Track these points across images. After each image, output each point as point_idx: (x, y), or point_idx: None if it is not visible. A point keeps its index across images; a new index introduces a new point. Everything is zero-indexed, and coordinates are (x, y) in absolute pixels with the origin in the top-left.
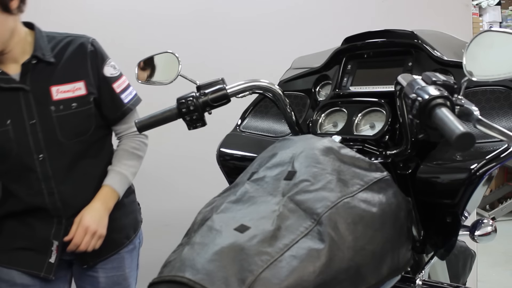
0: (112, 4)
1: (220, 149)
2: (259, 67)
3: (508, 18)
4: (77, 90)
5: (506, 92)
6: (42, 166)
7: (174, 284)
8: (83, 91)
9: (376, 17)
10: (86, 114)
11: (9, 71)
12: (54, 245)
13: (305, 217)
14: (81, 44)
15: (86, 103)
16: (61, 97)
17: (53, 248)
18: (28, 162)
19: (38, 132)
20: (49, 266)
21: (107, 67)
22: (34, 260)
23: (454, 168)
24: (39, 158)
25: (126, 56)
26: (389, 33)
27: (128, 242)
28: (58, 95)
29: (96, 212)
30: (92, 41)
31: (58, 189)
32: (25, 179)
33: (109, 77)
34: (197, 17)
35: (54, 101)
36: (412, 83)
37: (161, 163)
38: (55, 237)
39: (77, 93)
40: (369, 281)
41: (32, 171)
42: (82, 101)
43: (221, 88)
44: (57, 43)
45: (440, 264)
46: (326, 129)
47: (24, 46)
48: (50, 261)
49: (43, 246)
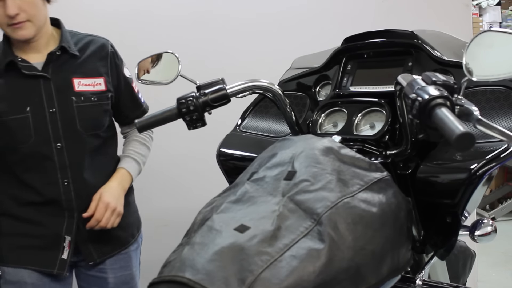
0: (112, 4)
1: (220, 149)
2: (259, 67)
3: (508, 18)
4: (97, 85)
5: (506, 92)
6: (60, 155)
7: (174, 284)
8: (102, 87)
9: (376, 17)
10: (104, 109)
11: (30, 60)
12: (66, 241)
13: (305, 217)
14: (102, 45)
15: (104, 98)
16: (82, 89)
17: (65, 244)
18: (46, 150)
19: (57, 121)
20: (62, 262)
21: (125, 68)
22: (46, 257)
23: (454, 168)
24: (57, 147)
25: (126, 56)
26: (389, 33)
27: (133, 240)
28: (79, 87)
29: (114, 190)
30: (111, 43)
31: (73, 179)
32: (41, 168)
33: (129, 78)
34: (197, 17)
35: (76, 92)
36: (412, 83)
37: (161, 163)
38: (67, 232)
39: (97, 88)
40: (369, 281)
41: (49, 159)
42: (101, 96)
43: (221, 88)
44: (79, 40)
45: (440, 264)
46: (326, 129)
47: (49, 39)
48: (63, 257)
49: (55, 242)
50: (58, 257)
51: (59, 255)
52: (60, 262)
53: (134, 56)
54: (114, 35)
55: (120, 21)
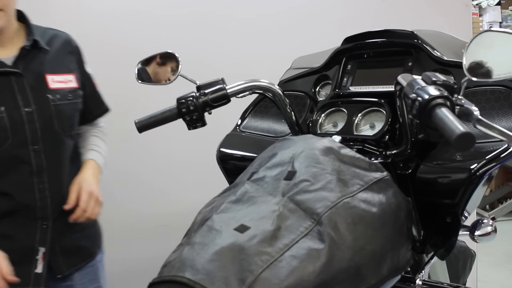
0: (112, 4)
1: (220, 149)
2: (259, 67)
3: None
4: (69, 82)
5: (506, 92)
6: (37, 158)
7: (174, 284)
8: (74, 83)
9: (376, 17)
10: (78, 107)
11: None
12: (40, 253)
13: (305, 217)
14: (68, 39)
15: (78, 96)
16: (57, 86)
17: (39, 257)
18: (22, 153)
19: (35, 121)
20: (37, 277)
21: (87, 64)
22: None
23: (454, 168)
24: (35, 149)
25: (126, 56)
26: (389, 33)
27: (99, 250)
28: (53, 84)
29: (91, 180)
30: (73, 38)
31: (50, 184)
32: (16, 173)
33: (91, 74)
34: (197, 17)
35: (51, 90)
36: (412, 83)
37: (161, 163)
38: (41, 243)
39: (70, 85)
40: (369, 281)
41: (25, 163)
42: (75, 94)
43: (221, 88)
44: (43, 34)
45: (440, 264)
46: (326, 129)
47: (14, 32)
48: (37, 271)
49: (27, 255)
50: (31, 272)
51: (32, 270)
52: (34, 278)
53: (134, 56)
54: (114, 35)
55: (120, 21)
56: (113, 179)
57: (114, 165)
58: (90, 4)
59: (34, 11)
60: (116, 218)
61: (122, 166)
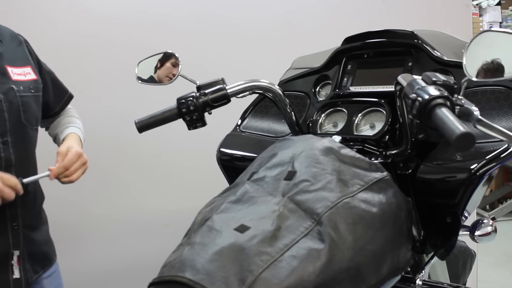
0: (112, 4)
1: (220, 149)
2: (259, 67)
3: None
4: (27, 75)
5: (506, 92)
6: (6, 151)
7: (174, 284)
8: (33, 75)
9: (376, 17)
10: (40, 100)
11: None
12: (14, 257)
13: (305, 217)
14: (13, 33)
15: (39, 89)
16: (17, 78)
17: (14, 261)
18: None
19: (4, 112)
20: (17, 283)
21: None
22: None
23: (454, 168)
24: (4, 141)
25: (126, 56)
26: (389, 33)
27: (55, 258)
28: (14, 76)
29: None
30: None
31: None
32: None
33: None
34: (197, 18)
35: (14, 81)
36: (412, 83)
37: (160, 163)
38: (15, 246)
39: (29, 77)
40: (369, 281)
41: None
42: (36, 86)
43: (221, 88)
44: None
45: (440, 264)
46: (326, 129)
47: None
48: (15, 277)
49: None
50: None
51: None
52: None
53: (134, 56)
54: (114, 36)
55: (120, 21)
56: (113, 179)
57: (115, 165)
58: (91, 4)
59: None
60: (116, 218)
61: (122, 166)
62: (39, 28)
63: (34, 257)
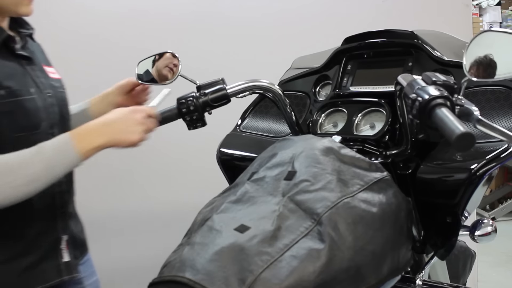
0: (112, 4)
1: (220, 149)
2: (259, 67)
3: (508, 18)
4: (55, 73)
5: (506, 92)
6: None
7: (174, 284)
8: (58, 75)
9: (376, 17)
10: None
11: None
12: (63, 242)
13: (305, 217)
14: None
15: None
16: (52, 76)
17: (63, 246)
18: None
19: (54, 105)
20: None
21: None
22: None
23: (454, 168)
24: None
25: (126, 56)
26: (389, 33)
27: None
28: (50, 74)
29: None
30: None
31: None
32: None
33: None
34: (197, 17)
35: (51, 78)
36: (412, 83)
37: (161, 163)
38: (64, 231)
39: (57, 75)
40: (369, 281)
41: None
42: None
43: (221, 88)
44: None
45: (440, 264)
46: (326, 129)
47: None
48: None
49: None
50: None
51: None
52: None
53: (134, 56)
54: (114, 35)
55: (120, 20)
56: (113, 179)
57: (115, 165)
58: (91, 4)
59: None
60: (116, 217)
61: (122, 166)
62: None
63: (75, 243)
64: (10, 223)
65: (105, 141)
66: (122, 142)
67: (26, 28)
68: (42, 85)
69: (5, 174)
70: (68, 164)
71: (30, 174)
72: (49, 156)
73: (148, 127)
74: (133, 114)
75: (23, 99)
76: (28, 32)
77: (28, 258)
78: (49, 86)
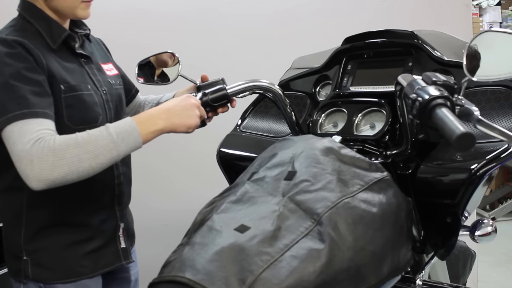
0: (112, 3)
1: (220, 149)
2: (259, 67)
3: (508, 18)
4: (112, 70)
5: (506, 92)
6: None
7: (174, 284)
8: (115, 71)
9: (376, 17)
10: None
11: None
12: (120, 229)
13: (305, 217)
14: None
15: (121, 83)
16: (109, 73)
17: (120, 233)
18: None
19: (109, 102)
20: (124, 251)
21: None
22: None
23: (454, 168)
24: None
25: (126, 56)
26: (389, 33)
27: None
28: (106, 71)
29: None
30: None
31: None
32: None
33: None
34: (197, 17)
35: (108, 76)
36: (412, 83)
37: (161, 163)
38: (121, 219)
39: (113, 72)
40: (369, 281)
41: None
42: (120, 81)
43: (221, 88)
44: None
45: (440, 264)
46: (326, 129)
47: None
48: (122, 246)
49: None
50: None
51: (119, 246)
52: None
53: (134, 56)
54: (115, 35)
55: (120, 20)
56: None
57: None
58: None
59: None
60: None
61: None
62: None
63: (128, 232)
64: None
65: (164, 125)
66: (180, 126)
67: (83, 28)
68: (98, 82)
69: (73, 146)
70: (131, 144)
71: (96, 149)
72: (113, 134)
73: (203, 115)
74: (188, 99)
75: (82, 94)
76: (84, 33)
77: (92, 243)
78: (106, 83)
